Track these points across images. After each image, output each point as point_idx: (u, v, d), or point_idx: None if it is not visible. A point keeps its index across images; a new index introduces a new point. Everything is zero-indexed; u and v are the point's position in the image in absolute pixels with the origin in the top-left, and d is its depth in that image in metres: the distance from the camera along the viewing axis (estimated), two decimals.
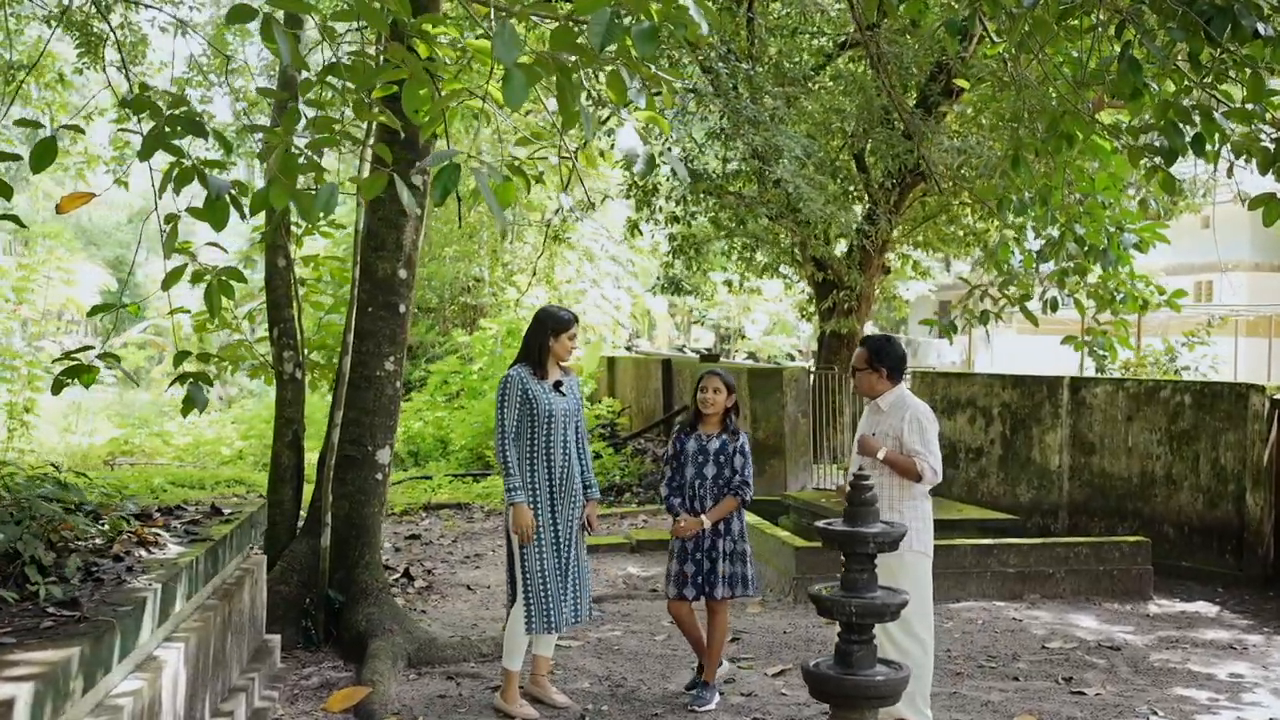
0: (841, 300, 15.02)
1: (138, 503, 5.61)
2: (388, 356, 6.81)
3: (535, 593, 5.54)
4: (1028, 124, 8.70)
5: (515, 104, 3.81)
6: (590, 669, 6.42)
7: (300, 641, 6.50)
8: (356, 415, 6.75)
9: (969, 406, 10.82)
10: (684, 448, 5.98)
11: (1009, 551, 8.39)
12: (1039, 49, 6.86)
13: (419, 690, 5.94)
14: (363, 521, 6.73)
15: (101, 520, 4.73)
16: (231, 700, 5.02)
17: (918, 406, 5.25)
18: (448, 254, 20.03)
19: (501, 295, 19.47)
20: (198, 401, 5.42)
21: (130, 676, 3.84)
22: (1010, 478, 10.48)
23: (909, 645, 5.17)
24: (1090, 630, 7.48)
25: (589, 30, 3.74)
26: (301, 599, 6.54)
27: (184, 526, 5.15)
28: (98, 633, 3.36)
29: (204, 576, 4.69)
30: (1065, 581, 8.41)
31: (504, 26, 3.72)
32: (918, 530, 5.18)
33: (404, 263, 6.87)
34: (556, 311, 5.75)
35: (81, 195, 4.83)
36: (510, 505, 5.53)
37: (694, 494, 5.90)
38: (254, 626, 5.80)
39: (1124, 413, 9.87)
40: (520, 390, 5.58)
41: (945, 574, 8.22)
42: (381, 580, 6.75)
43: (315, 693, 5.84)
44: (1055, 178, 7.94)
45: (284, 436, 6.96)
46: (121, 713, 3.53)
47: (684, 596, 5.90)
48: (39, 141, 4.35)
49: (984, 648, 7.01)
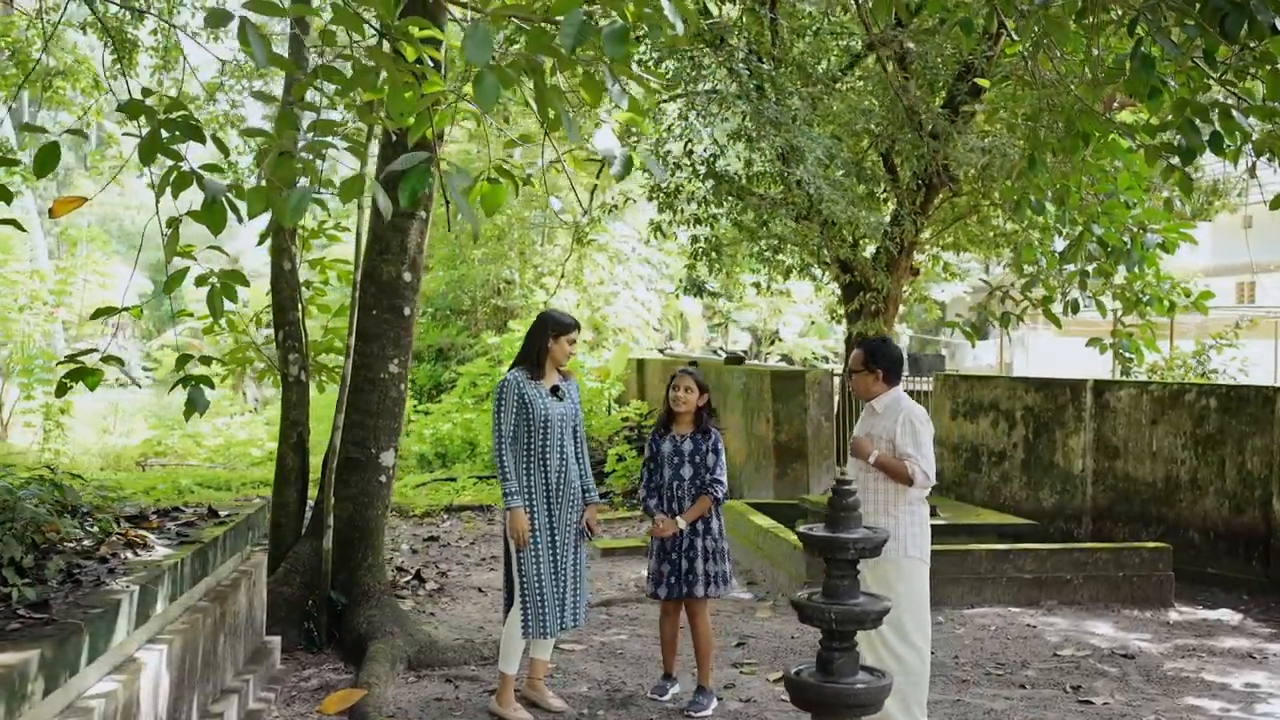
0: (868, 302, 14.89)
1: (139, 505, 5.66)
2: (392, 359, 6.82)
3: (531, 597, 5.52)
4: (1045, 123, 8.58)
5: (487, 105, 3.80)
6: (590, 673, 6.39)
7: (302, 643, 6.52)
8: (360, 418, 6.76)
9: (991, 410, 10.68)
10: (659, 449, 5.94)
11: (1025, 557, 8.26)
12: (1055, 47, 6.76)
13: (416, 693, 5.93)
14: (366, 524, 6.75)
15: (89, 522, 4.76)
16: (223, 702, 5.04)
17: (912, 409, 5.16)
18: (477, 256, 20.07)
19: (531, 297, 19.49)
20: (199, 405, 5.41)
21: (106, 678, 3.86)
22: (1033, 482, 10.32)
23: (904, 652, 5.09)
24: (1105, 638, 7.35)
25: (561, 32, 3.71)
26: (304, 601, 6.56)
27: (177, 529, 5.19)
28: (63, 635, 3.38)
29: (191, 578, 4.70)
30: (1084, 588, 8.27)
31: (477, 27, 3.70)
32: (913, 536, 5.10)
33: (408, 265, 6.88)
34: (558, 314, 5.73)
35: (74, 199, 4.86)
36: (507, 510, 5.52)
37: (671, 495, 5.88)
38: (252, 628, 5.82)
39: (1148, 416, 9.70)
40: (516, 394, 5.56)
41: (960, 580, 8.13)
42: (384, 582, 6.76)
43: (313, 695, 5.86)
44: (1073, 178, 7.82)
45: (289, 439, 6.99)
46: (92, 714, 3.54)
47: (657, 595, 5.90)
48: (41, 147, 4.39)
49: (993, 655, 6.90)
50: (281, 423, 7.08)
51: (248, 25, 3.92)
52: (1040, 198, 7.81)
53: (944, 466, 11.15)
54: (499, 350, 18.32)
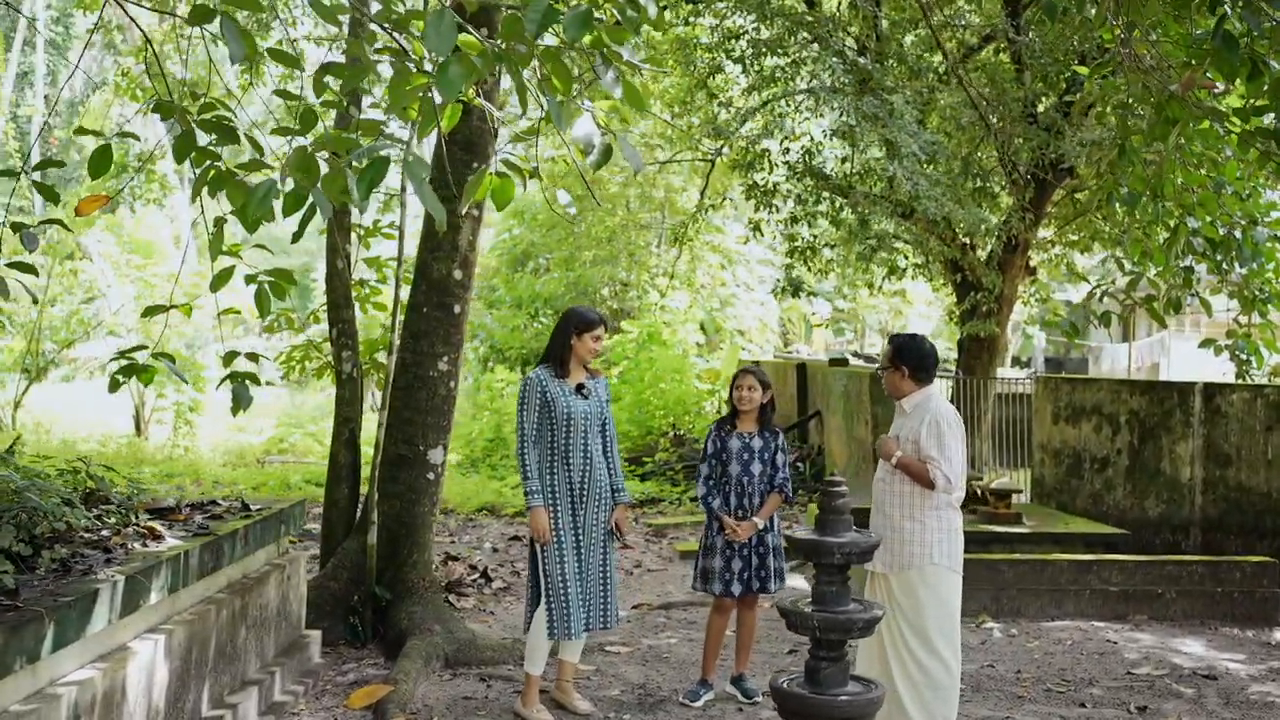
0: (980, 302, 14.39)
1: (177, 498, 5.79)
2: (441, 356, 6.84)
3: (555, 597, 5.44)
4: (1135, 110, 8.11)
5: (450, 96, 3.73)
6: (628, 676, 6.27)
7: (347, 637, 6.57)
8: (409, 415, 6.80)
9: (1094, 414, 10.16)
10: (726, 445, 5.88)
11: (1111, 568, 7.81)
12: (1143, 29, 6.41)
13: (447, 690, 5.92)
14: (412, 520, 6.77)
15: (110, 514, 4.88)
16: (242, 693, 5.10)
17: (939, 410, 4.89)
18: (588, 258, 20.16)
19: (645, 298, 19.47)
20: (243, 401, 5.53)
21: (88, 666, 3.93)
22: (1138, 490, 9.77)
23: (930, 663, 4.83)
24: (1191, 657, 6.88)
25: (526, 17, 3.63)
26: (349, 595, 6.62)
27: (203, 521, 5.27)
28: (19, 622, 3.43)
29: (199, 570, 4.77)
30: (1177, 603, 7.77)
31: (440, 16, 3.63)
32: (938, 542, 4.83)
33: (459, 263, 6.89)
34: (582, 310, 5.65)
35: (97, 198, 4.99)
36: (528, 509, 5.46)
37: (742, 491, 5.86)
38: (287, 621, 5.89)
39: (1263, 422, 9.08)
40: (539, 392, 5.50)
41: (1039, 591, 7.74)
42: (429, 579, 6.77)
43: (347, 689, 5.89)
44: (1167, 167, 7.38)
45: (341, 435, 7.08)
46: (59, 701, 3.61)
47: (731, 594, 5.85)
48: (95, 149, 4.52)
49: (1060, 670, 6.52)
50: (335, 419, 7.18)
51: (224, 21, 3.94)
52: (1135, 189, 7.37)
53: (1044, 473, 10.67)
54: (610, 353, 18.35)
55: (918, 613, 4.82)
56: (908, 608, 4.84)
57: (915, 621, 4.83)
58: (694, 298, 19.83)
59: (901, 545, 4.85)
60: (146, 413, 19.47)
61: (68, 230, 6.83)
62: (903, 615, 4.85)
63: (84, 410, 20.20)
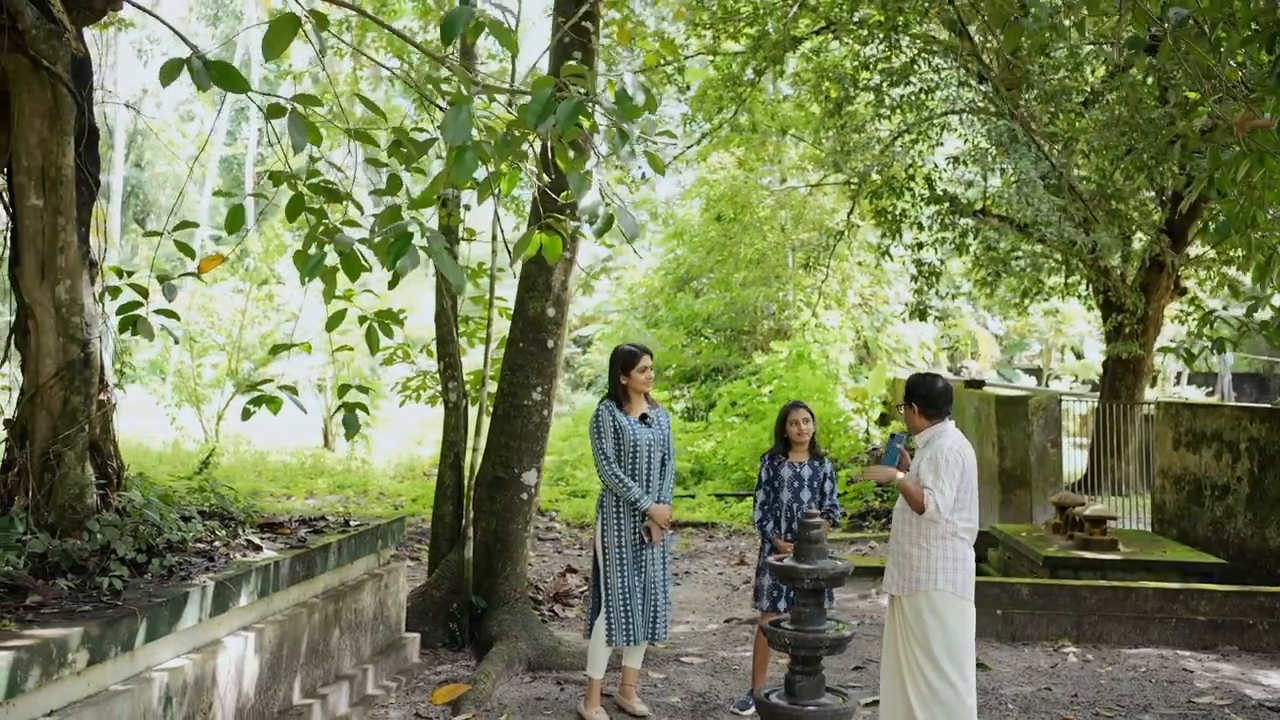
0: (1124, 323, 14.22)
1: (290, 512, 6.61)
2: (535, 387, 7.50)
3: (615, 606, 5.99)
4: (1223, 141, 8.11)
5: (463, 182, 4.36)
6: (693, 685, 6.77)
7: (445, 641, 7.30)
8: (505, 440, 7.49)
9: (1214, 441, 10.04)
10: (778, 474, 6.29)
11: (1200, 598, 7.82)
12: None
13: (524, 691, 6.55)
14: (507, 536, 7.46)
15: (220, 526, 5.71)
16: (333, 685, 5.86)
17: (943, 445, 5.22)
18: (737, 280, 20.64)
19: (799, 317, 19.82)
20: (352, 428, 6.33)
21: (182, 656, 4.72)
22: (1259, 519, 9.61)
23: (937, 683, 5.15)
24: (1266, 689, 6.89)
25: (528, 108, 4.21)
26: (450, 603, 7.35)
27: (304, 535, 6.07)
28: (116, 617, 4.23)
29: (290, 578, 5.54)
30: (1269, 634, 7.73)
31: (459, 111, 4.26)
32: (944, 570, 5.16)
33: (553, 302, 7.54)
34: (625, 349, 6.17)
35: (216, 258, 5.85)
36: (644, 511, 5.95)
37: (792, 516, 6.23)
38: (386, 625, 6.65)
39: None
40: (611, 421, 6.06)
41: (1121, 618, 7.84)
42: (521, 590, 7.43)
43: (436, 686, 6.60)
44: (1261, 195, 7.46)
45: (447, 459, 7.83)
46: (152, 683, 4.39)
47: (776, 609, 6.21)
48: (231, 208, 5.38)
49: (1120, 697, 6.67)
50: (442, 444, 7.94)
51: (194, 73, 4.40)
52: (1229, 216, 7.47)
53: (1165, 499, 10.59)
54: (763, 370, 18.77)
55: (924, 635, 5.16)
56: (916, 629, 5.19)
57: (923, 643, 5.18)
58: (845, 317, 20.05)
59: (910, 570, 5.21)
60: (332, 427, 21.01)
61: (202, 282, 7.80)
62: (913, 636, 5.20)
63: (280, 424, 21.87)
